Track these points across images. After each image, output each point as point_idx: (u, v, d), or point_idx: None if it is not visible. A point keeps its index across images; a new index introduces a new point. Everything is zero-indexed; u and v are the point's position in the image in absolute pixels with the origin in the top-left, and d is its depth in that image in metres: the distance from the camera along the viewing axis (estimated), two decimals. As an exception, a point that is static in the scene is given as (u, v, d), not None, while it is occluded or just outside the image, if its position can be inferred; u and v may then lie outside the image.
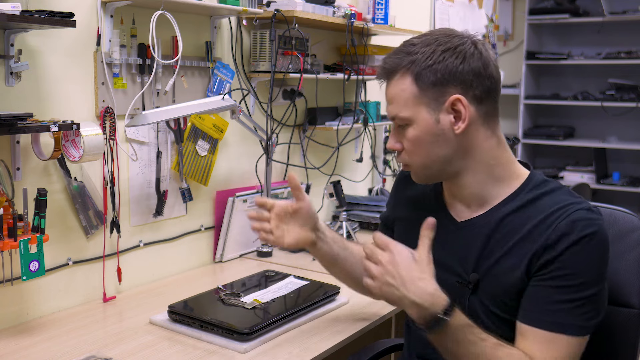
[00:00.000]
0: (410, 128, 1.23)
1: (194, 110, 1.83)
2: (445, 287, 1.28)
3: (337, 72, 2.53)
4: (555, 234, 1.16)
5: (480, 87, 1.21)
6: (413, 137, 1.23)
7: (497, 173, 1.26)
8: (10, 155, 1.57)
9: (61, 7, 1.58)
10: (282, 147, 2.44)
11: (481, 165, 1.25)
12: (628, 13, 4.85)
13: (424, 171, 1.27)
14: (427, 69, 1.20)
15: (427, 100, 1.21)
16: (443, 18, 3.58)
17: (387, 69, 1.25)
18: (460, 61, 1.20)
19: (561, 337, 1.15)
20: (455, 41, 1.21)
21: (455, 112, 1.21)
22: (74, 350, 1.47)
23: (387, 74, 1.25)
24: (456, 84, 1.20)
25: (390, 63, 1.25)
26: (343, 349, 1.56)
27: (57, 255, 1.71)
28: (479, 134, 1.24)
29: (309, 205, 1.48)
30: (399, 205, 1.46)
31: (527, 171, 1.29)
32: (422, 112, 1.21)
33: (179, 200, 2.04)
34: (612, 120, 5.03)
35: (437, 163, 1.24)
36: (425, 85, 1.20)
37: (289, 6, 2.16)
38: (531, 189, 1.24)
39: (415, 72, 1.20)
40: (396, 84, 1.23)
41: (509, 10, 5.50)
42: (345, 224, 2.22)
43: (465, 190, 1.28)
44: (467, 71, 1.20)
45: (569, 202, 1.19)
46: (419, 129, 1.22)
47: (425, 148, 1.23)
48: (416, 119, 1.22)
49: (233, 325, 1.52)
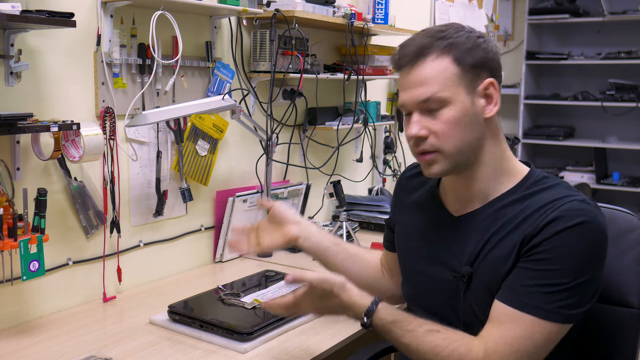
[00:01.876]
0: (447, 109, 1.21)
1: (194, 110, 1.83)
2: (440, 282, 1.29)
3: (337, 72, 2.53)
4: (544, 221, 1.17)
5: (500, 77, 1.27)
6: (451, 118, 1.21)
7: (503, 167, 1.28)
8: (10, 155, 1.57)
9: (61, 7, 1.58)
10: (282, 147, 2.44)
11: (494, 156, 1.27)
12: (628, 13, 4.85)
13: (456, 156, 1.24)
14: (467, 51, 1.22)
15: (465, 81, 1.22)
16: (443, 18, 3.58)
17: (418, 51, 1.22)
18: (492, 49, 1.25)
19: (525, 316, 1.15)
20: (478, 32, 1.26)
21: (487, 96, 1.24)
22: (74, 350, 1.47)
23: (417, 56, 1.22)
24: (487, 69, 1.24)
25: (419, 45, 1.23)
26: (343, 349, 1.56)
27: (57, 255, 1.71)
28: (498, 122, 1.28)
29: (278, 205, 1.53)
30: (399, 210, 1.47)
31: (528, 168, 1.30)
32: (461, 92, 1.22)
33: (179, 200, 2.04)
34: (612, 120, 5.03)
35: (468, 147, 1.24)
36: (465, 66, 1.22)
37: (289, 6, 2.16)
38: (530, 185, 1.25)
39: (456, 53, 1.22)
40: (432, 64, 1.21)
41: (509, 10, 5.50)
42: (345, 224, 2.22)
43: (473, 184, 1.28)
44: (495, 59, 1.25)
45: (565, 194, 1.20)
46: (458, 110, 1.21)
47: (462, 130, 1.22)
48: (455, 99, 1.21)
49: (233, 325, 1.52)
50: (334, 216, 2.76)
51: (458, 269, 1.27)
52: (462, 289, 1.26)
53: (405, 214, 1.44)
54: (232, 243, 1.53)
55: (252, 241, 1.52)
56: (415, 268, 1.38)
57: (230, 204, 2.15)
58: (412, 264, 1.39)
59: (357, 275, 1.54)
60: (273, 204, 1.56)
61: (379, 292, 1.55)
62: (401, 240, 1.45)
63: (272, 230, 1.53)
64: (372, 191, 2.99)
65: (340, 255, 1.54)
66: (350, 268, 1.54)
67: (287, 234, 1.51)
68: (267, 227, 1.54)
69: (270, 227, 1.54)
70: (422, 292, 1.36)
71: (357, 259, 1.55)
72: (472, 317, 1.26)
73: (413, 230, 1.40)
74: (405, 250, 1.43)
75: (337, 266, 1.54)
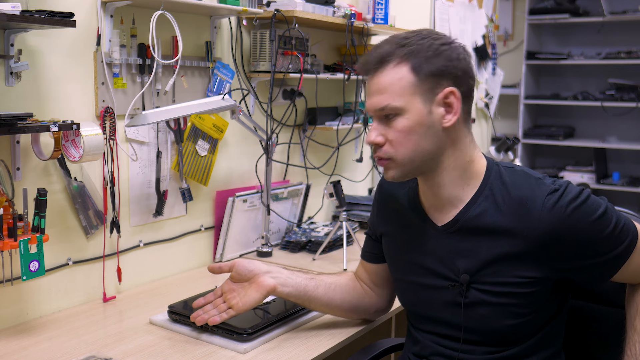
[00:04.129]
0: (401, 118, 1.23)
1: (194, 110, 1.83)
2: (437, 291, 1.30)
3: (337, 72, 2.53)
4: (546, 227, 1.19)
5: (466, 85, 1.25)
6: (404, 127, 1.23)
7: (468, 171, 1.28)
8: (10, 155, 1.57)
9: (61, 7, 1.58)
10: (282, 147, 2.44)
11: (458, 163, 1.27)
12: (628, 13, 4.85)
13: (407, 165, 1.26)
14: (426, 59, 1.21)
15: (422, 90, 1.22)
16: (443, 18, 3.58)
17: (379, 58, 1.24)
18: (455, 57, 1.23)
19: None
20: (446, 39, 1.25)
21: (447, 105, 1.23)
22: (74, 350, 1.47)
23: (378, 63, 1.24)
24: (450, 77, 1.23)
25: (381, 53, 1.24)
26: (343, 349, 1.56)
27: (57, 255, 1.71)
28: (461, 131, 1.27)
29: (241, 262, 1.51)
30: (382, 221, 1.47)
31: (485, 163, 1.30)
32: (417, 102, 1.22)
33: (179, 200, 2.04)
34: (612, 120, 5.03)
35: (421, 156, 1.25)
36: (423, 75, 1.22)
37: (289, 6, 2.16)
38: (493, 182, 1.27)
39: (414, 61, 1.21)
40: (390, 73, 1.23)
41: (509, 10, 5.50)
42: (345, 224, 2.22)
43: (439, 190, 1.29)
44: (460, 67, 1.23)
45: (531, 188, 1.22)
46: (411, 119, 1.23)
47: (414, 139, 1.23)
48: (410, 108, 1.22)
49: (233, 325, 1.52)
50: (334, 216, 2.76)
51: (453, 278, 1.27)
52: (461, 296, 1.26)
53: (390, 225, 1.44)
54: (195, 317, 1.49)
55: (222, 307, 1.49)
56: (410, 278, 1.38)
57: (230, 204, 2.15)
58: (406, 274, 1.39)
59: (342, 301, 1.54)
60: (233, 263, 1.52)
61: (365, 311, 1.57)
62: (391, 251, 1.45)
63: (242, 289, 1.49)
64: (372, 191, 2.99)
65: (321, 288, 1.52)
66: (334, 297, 1.53)
67: (263, 287, 1.47)
68: (233, 288, 1.51)
69: (238, 286, 1.51)
70: (420, 300, 1.37)
71: (336, 286, 1.54)
72: (474, 321, 1.27)
73: (401, 242, 1.40)
74: (396, 262, 1.43)
75: (321, 299, 1.52)
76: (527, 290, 1.23)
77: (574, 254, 1.21)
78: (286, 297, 1.51)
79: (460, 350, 1.29)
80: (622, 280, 1.26)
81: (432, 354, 1.34)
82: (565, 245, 1.19)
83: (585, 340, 1.42)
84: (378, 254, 1.51)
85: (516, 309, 1.24)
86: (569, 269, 1.23)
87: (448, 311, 1.29)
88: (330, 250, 2.28)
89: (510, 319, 1.24)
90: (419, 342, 1.38)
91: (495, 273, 1.24)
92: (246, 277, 1.50)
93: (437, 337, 1.34)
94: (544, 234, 1.19)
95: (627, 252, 1.21)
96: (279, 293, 1.49)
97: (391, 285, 1.53)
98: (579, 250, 1.20)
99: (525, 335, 1.27)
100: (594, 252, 1.20)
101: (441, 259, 1.30)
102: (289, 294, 1.50)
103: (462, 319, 1.27)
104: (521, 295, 1.23)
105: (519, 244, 1.21)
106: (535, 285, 1.23)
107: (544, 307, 1.26)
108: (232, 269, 1.51)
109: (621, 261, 1.21)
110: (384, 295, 1.55)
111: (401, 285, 1.43)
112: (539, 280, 1.22)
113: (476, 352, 1.29)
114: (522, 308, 1.24)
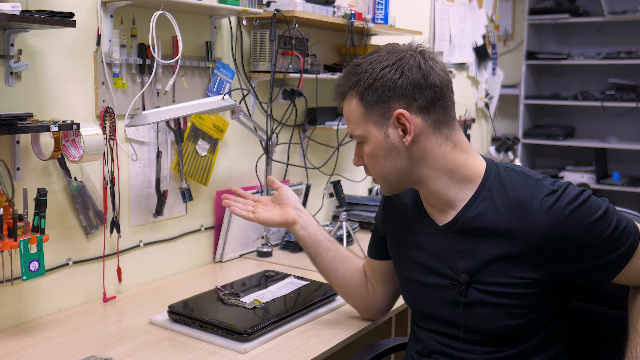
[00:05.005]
0: (365, 145, 1.30)
1: (194, 110, 1.83)
2: (438, 290, 1.31)
3: (337, 72, 2.53)
4: (543, 229, 1.18)
5: (423, 97, 1.24)
6: (369, 153, 1.30)
7: (458, 175, 1.28)
8: (10, 155, 1.57)
9: (61, 7, 1.58)
10: (282, 147, 2.44)
11: (439, 171, 1.28)
12: (628, 13, 4.85)
13: (385, 183, 1.33)
14: (369, 88, 1.24)
15: (374, 117, 1.26)
16: (443, 18, 3.58)
17: (338, 92, 1.31)
18: (399, 76, 1.22)
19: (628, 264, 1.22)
20: (394, 57, 1.24)
21: (402, 125, 1.25)
22: (74, 350, 1.47)
23: (339, 96, 1.32)
24: (398, 98, 1.23)
25: (340, 85, 1.31)
26: (343, 349, 1.56)
27: (57, 255, 1.71)
28: (430, 142, 1.26)
29: (287, 189, 1.63)
30: (388, 221, 1.49)
31: (483, 165, 1.30)
32: (372, 129, 1.27)
33: (179, 200, 2.04)
34: (612, 120, 5.03)
35: (393, 175, 1.30)
36: (369, 104, 1.25)
37: (289, 6, 2.16)
38: (492, 184, 1.27)
39: (359, 92, 1.26)
40: (347, 105, 1.30)
41: (509, 10, 5.50)
42: (345, 224, 2.22)
43: (434, 195, 1.31)
44: (406, 85, 1.23)
45: (529, 189, 1.22)
46: (372, 145, 1.28)
47: (380, 162, 1.29)
48: (368, 136, 1.28)
49: (233, 325, 1.52)
50: (334, 216, 2.76)
51: (453, 277, 1.28)
52: (461, 296, 1.27)
53: (395, 224, 1.45)
54: (226, 198, 1.61)
55: (249, 207, 1.61)
56: (412, 277, 1.40)
57: (230, 204, 2.15)
58: (409, 273, 1.41)
59: (341, 276, 1.58)
60: (281, 186, 1.64)
61: (358, 299, 1.59)
62: (396, 250, 1.46)
63: (272, 208, 1.61)
64: (372, 191, 2.99)
65: (331, 253, 1.58)
66: (338, 267, 1.57)
67: (285, 215, 1.59)
68: (268, 203, 1.63)
69: (272, 205, 1.63)
70: (422, 299, 1.38)
71: (346, 260, 1.58)
72: (474, 321, 1.27)
73: (405, 241, 1.41)
74: (400, 260, 1.44)
75: (325, 262, 1.58)
76: (526, 291, 1.23)
77: (573, 256, 1.20)
78: (299, 238, 1.60)
79: (461, 349, 1.30)
80: (624, 282, 1.26)
81: (434, 353, 1.35)
82: (563, 247, 1.19)
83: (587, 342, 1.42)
84: (379, 251, 1.52)
85: (515, 309, 1.24)
86: (568, 271, 1.22)
87: (449, 310, 1.30)
88: (330, 250, 2.28)
89: (510, 319, 1.24)
90: (421, 341, 1.39)
91: (494, 273, 1.24)
92: (281, 202, 1.62)
93: (439, 336, 1.35)
94: (541, 235, 1.19)
95: (628, 254, 1.20)
96: (295, 231, 1.59)
97: (388, 285, 1.55)
98: (578, 252, 1.20)
99: (526, 336, 1.27)
100: (593, 254, 1.20)
101: (442, 258, 1.31)
102: (301, 236, 1.59)
103: (462, 319, 1.28)
104: (520, 295, 1.23)
105: (517, 245, 1.21)
106: (534, 286, 1.23)
107: (544, 308, 1.26)
108: (277, 190, 1.65)
109: (622, 263, 1.21)
110: (379, 292, 1.56)
111: (405, 283, 1.44)
112: (537, 281, 1.22)
113: (476, 351, 1.29)
114: (522, 309, 1.24)
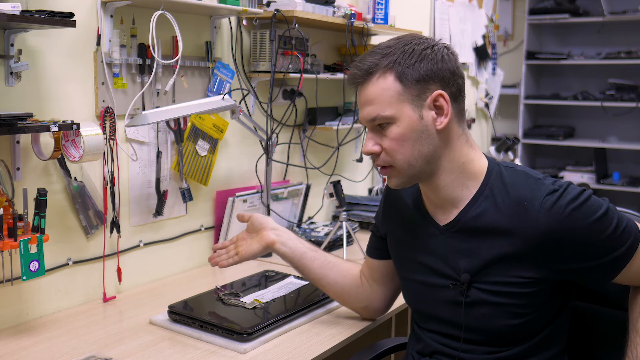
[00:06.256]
0: (394, 126, 1.25)
1: (194, 110, 1.83)
2: (439, 290, 1.31)
3: (337, 72, 2.53)
4: (544, 228, 1.18)
5: (455, 85, 1.26)
6: (397, 135, 1.25)
7: (467, 170, 1.29)
8: (10, 155, 1.57)
9: (61, 7, 1.58)
10: (282, 147, 2.44)
11: (454, 164, 1.28)
12: (628, 13, 4.85)
13: (408, 170, 1.27)
14: (410, 66, 1.23)
15: (410, 97, 1.24)
16: (443, 18, 3.58)
17: (365, 70, 1.26)
18: (440, 59, 1.24)
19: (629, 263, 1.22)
20: (431, 42, 1.26)
21: (437, 108, 1.25)
22: (74, 350, 1.47)
23: (364, 75, 1.26)
24: (437, 80, 1.24)
25: (366, 64, 1.26)
26: (343, 349, 1.56)
27: (57, 255, 1.71)
28: (454, 131, 1.28)
29: (256, 215, 1.65)
30: (388, 220, 1.49)
31: (486, 164, 1.31)
32: (406, 109, 1.24)
33: (179, 200, 2.04)
34: (612, 120, 5.04)
35: (420, 161, 1.26)
36: (409, 82, 1.23)
37: (289, 6, 2.16)
38: (493, 183, 1.27)
39: (398, 70, 1.23)
40: (376, 83, 1.25)
41: (509, 10, 5.51)
42: (345, 224, 2.22)
43: (439, 192, 1.30)
44: (445, 69, 1.24)
45: (530, 188, 1.22)
46: (404, 126, 1.24)
47: (410, 145, 1.25)
48: (400, 116, 1.24)
49: (233, 325, 1.52)
50: (334, 216, 2.76)
51: (455, 277, 1.28)
52: (462, 296, 1.27)
53: (396, 224, 1.45)
54: (210, 259, 1.66)
55: (231, 253, 1.63)
56: (413, 277, 1.40)
57: (230, 204, 2.15)
58: (409, 273, 1.41)
59: (333, 282, 1.58)
60: (250, 215, 1.66)
61: (355, 302, 1.59)
62: (396, 250, 1.46)
63: (250, 239, 1.63)
64: (372, 191, 2.99)
65: (317, 261, 1.58)
66: (327, 274, 1.57)
67: (263, 240, 1.60)
68: (245, 237, 1.65)
69: (249, 236, 1.64)
70: (423, 299, 1.38)
71: (334, 266, 1.58)
72: (474, 321, 1.27)
73: (406, 240, 1.41)
74: (401, 260, 1.44)
75: (314, 272, 1.58)
76: (527, 290, 1.23)
77: (573, 256, 1.20)
78: (282, 255, 1.60)
79: (461, 349, 1.30)
80: (625, 282, 1.26)
81: (434, 353, 1.35)
82: (563, 247, 1.19)
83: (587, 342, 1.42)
84: (379, 251, 1.52)
85: (516, 309, 1.24)
86: (569, 270, 1.22)
87: (449, 310, 1.30)
88: (330, 250, 2.28)
89: (511, 319, 1.24)
90: (421, 341, 1.39)
91: (495, 273, 1.24)
92: (256, 229, 1.63)
93: (439, 336, 1.35)
94: (542, 234, 1.19)
95: (628, 254, 1.20)
96: (277, 250, 1.59)
97: (387, 285, 1.55)
98: (578, 251, 1.20)
99: (526, 336, 1.27)
100: (594, 254, 1.20)
101: (444, 258, 1.31)
102: (284, 253, 1.59)
103: (463, 318, 1.28)
104: (521, 295, 1.23)
105: (518, 244, 1.21)
106: (535, 285, 1.23)
107: (544, 308, 1.26)
108: (248, 221, 1.65)
109: (622, 263, 1.21)
110: (378, 292, 1.56)
111: (405, 283, 1.44)
112: (538, 280, 1.22)
113: (477, 351, 1.29)
114: (523, 308, 1.24)
